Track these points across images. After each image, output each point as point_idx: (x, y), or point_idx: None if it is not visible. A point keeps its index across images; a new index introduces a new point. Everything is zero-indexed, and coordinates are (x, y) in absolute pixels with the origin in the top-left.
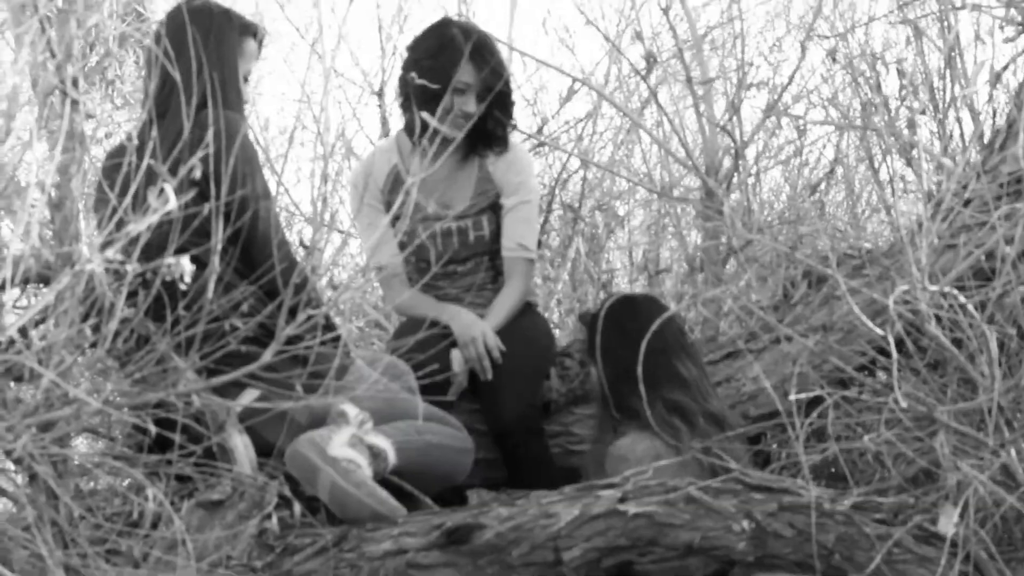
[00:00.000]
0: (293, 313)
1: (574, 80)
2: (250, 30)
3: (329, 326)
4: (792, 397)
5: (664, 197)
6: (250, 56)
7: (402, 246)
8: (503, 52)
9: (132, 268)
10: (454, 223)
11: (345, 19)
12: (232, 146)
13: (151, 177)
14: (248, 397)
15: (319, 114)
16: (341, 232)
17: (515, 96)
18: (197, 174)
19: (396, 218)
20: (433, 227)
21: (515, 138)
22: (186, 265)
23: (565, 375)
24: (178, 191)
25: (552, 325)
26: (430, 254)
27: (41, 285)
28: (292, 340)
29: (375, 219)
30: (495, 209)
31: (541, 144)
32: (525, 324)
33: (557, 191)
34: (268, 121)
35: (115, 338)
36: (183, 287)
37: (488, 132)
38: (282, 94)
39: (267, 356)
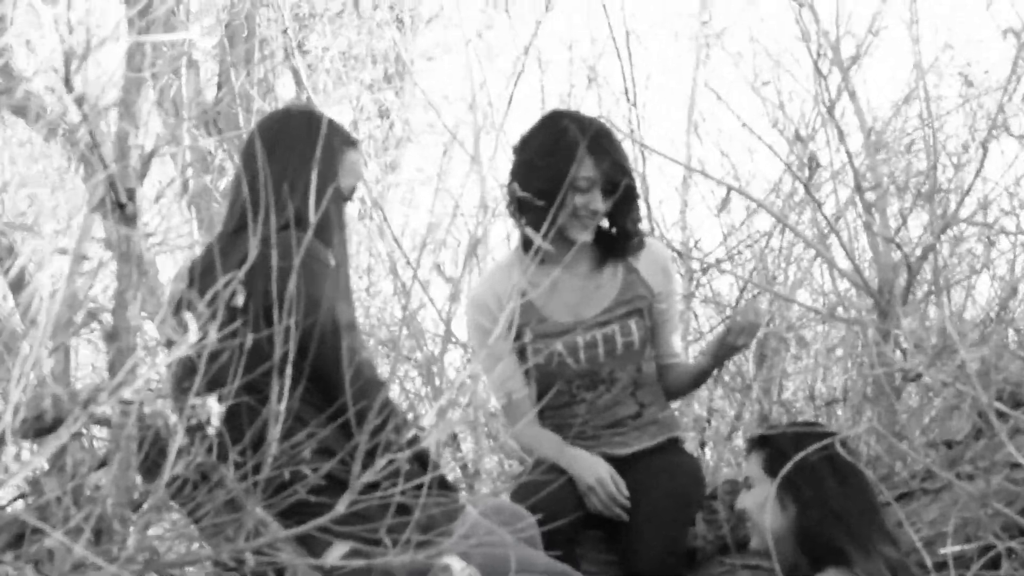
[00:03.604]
0: (374, 455)
1: (729, 189)
2: (351, 142)
3: (423, 463)
4: (946, 551)
5: (832, 319)
6: (353, 171)
7: (539, 370)
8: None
9: (148, 411)
10: (599, 331)
11: (503, 124)
12: (306, 272)
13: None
14: (338, 552)
15: (475, 228)
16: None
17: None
18: (239, 301)
19: (523, 347)
20: (575, 340)
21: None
22: (213, 407)
23: (713, 520)
24: (229, 318)
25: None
26: (570, 372)
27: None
28: (378, 485)
29: (499, 346)
30: (642, 313)
31: (709, 267)
32: (669, 462)
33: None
34: (411, 229)
35: (170, 483)
36: (211, 429)
37: (625, 233)
38: (432, 203)
39: (341, 507)
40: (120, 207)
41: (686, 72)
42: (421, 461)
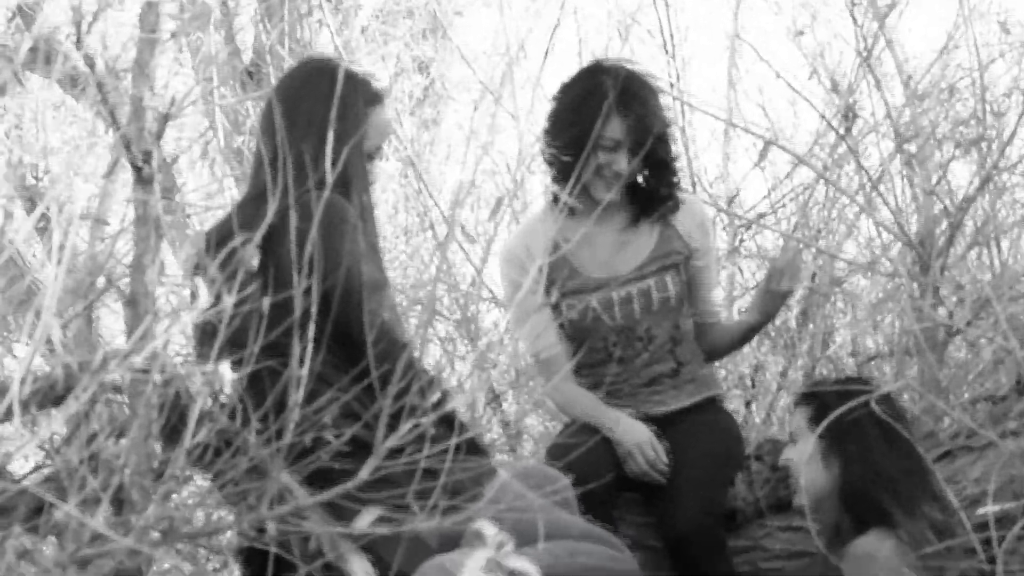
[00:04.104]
0: (399, 419)
1: (767, 143)
2: (378, 99)
3: (450, 426)
4: (984, 510)
5: (872, 272)
6: (380, 129)
7: (573, 326)
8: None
9: (159, 378)
10: (634, 286)
11: (539, 78)
12: (327, 231)
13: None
14: (367, 519)
15: (514, 187)
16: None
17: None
18: (254, 264)
19: (556, 302)
20: (610, 295)
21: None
22: (226, 373)
23: (753, 481)
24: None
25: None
26: (605, 328)
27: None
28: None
29: (530, 300)
30: (678, 268)
31: (749, 225)
32: (708, 422)
33: None
34: (449, 186)
35: (191, 450)
36: (223, 398)
37: (659, 196)
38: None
39: (364, 473)
40: (136, 170)
41: (725, 23)
42: (449, 424)
